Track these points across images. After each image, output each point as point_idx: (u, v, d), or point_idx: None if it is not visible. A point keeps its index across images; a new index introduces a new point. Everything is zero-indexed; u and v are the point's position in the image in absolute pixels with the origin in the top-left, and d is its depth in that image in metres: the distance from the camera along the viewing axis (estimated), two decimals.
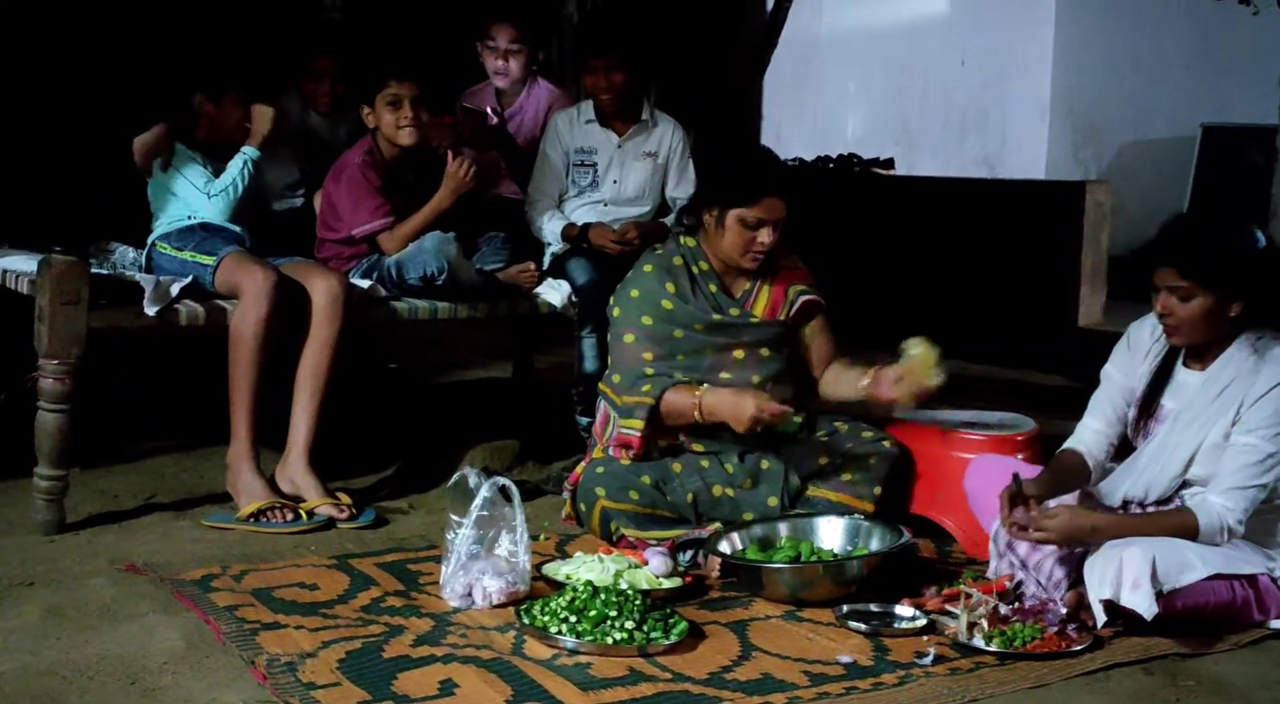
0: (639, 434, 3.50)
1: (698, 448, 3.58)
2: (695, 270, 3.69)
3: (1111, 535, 2.88)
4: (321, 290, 3.76)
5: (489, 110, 4.71)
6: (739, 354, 3.65)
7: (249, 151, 3.94)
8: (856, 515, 3.39)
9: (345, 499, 3.73)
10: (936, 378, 3.35)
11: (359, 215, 4.08)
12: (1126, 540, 2.85)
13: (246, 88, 4.01)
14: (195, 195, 3.92)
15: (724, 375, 3.62)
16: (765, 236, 3.56)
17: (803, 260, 3.82)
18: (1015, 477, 2.99)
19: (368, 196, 4.08)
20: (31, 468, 3.52)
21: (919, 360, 3.36)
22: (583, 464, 3.68)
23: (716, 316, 3.64)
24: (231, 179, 3.92)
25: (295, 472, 3.73)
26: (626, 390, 3.56)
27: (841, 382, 3.64)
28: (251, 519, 3.59)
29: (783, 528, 3.35)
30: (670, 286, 3.64)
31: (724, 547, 3.26)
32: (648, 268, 3.70)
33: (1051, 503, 2.98)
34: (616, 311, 3.70)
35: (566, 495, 3.68)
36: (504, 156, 4.71)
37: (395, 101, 4.05)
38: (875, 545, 3.25)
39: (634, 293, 3.67)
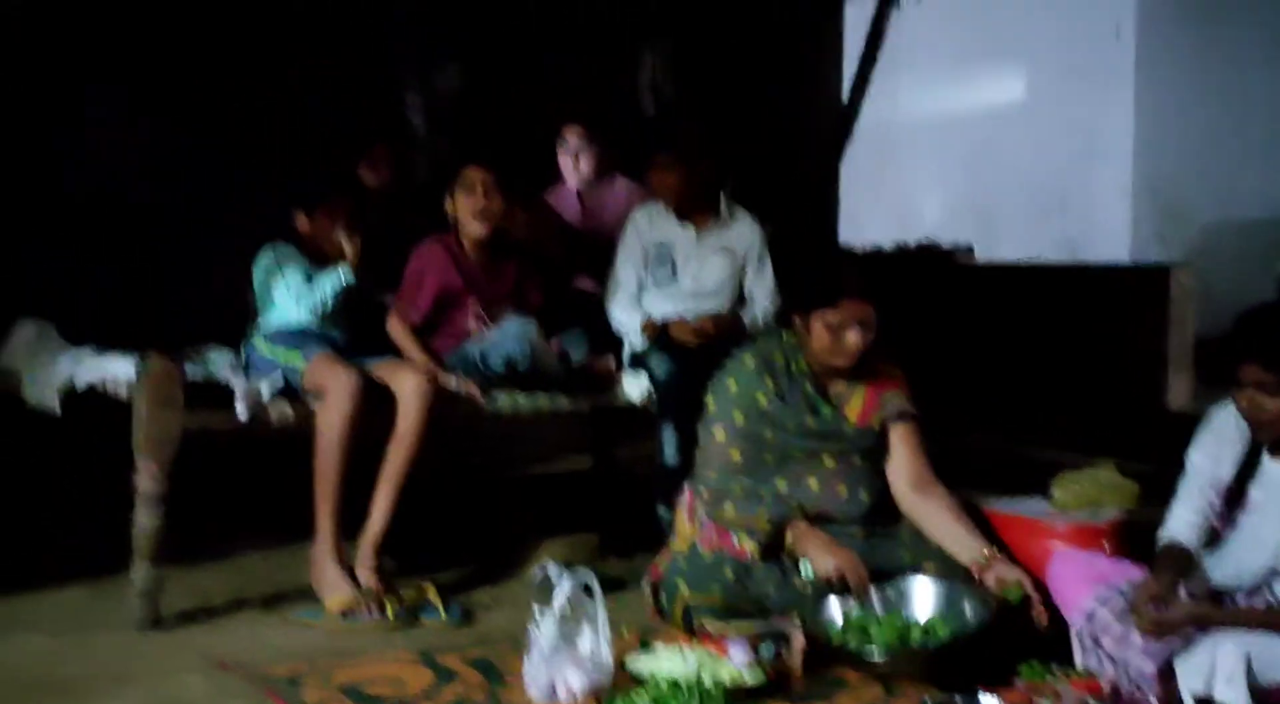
0: (749, 552, 3.52)
1: None
2: (794, 368, 3.70)
3: (1221, 626, 2.84)
4: (408, 389, 3.84)
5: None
6: (829, 461, 3.65)
7: (345, 274, 4.07)
8: (946, 583, 3.36)
9: (433, 594, 3.78)
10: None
11: (399, 295, 4.20)
12: (1221, 634, 2.80)
13: (334, 205, 4.15)
14: (288, 300, 4.05)
15: (811, 482, 3.63)
16: (852, 337, 3.57)
17: (898, 366, 3.79)
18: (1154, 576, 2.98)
19: (410, 278, 4.21)
20: (128, 566, 3.61)
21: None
22: (664, 557, 3.69)
23: (811, 421, 3.65)
24: (322, 292, 4.05)
25: (361, 563, 3.79)
26: (730, 505, 3.54)
27: (953, 542, 3.55)
28: (339, 615, 3.64)
29: (875, 597, 3.33)
30: (769, 381, 3.65)
31: (821, 616, 3.26)
32: (748, 360, 3.71)
33: None
34: (711, 402, 3.71)
35: (648, 589, 3.69)
36: (583, 250, 4.81)
37: (471, 188, 4.18)
38: (968, 613, 3.22)
39: (731, 385, 3.68)
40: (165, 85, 5.34)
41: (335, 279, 4.07)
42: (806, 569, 3.42)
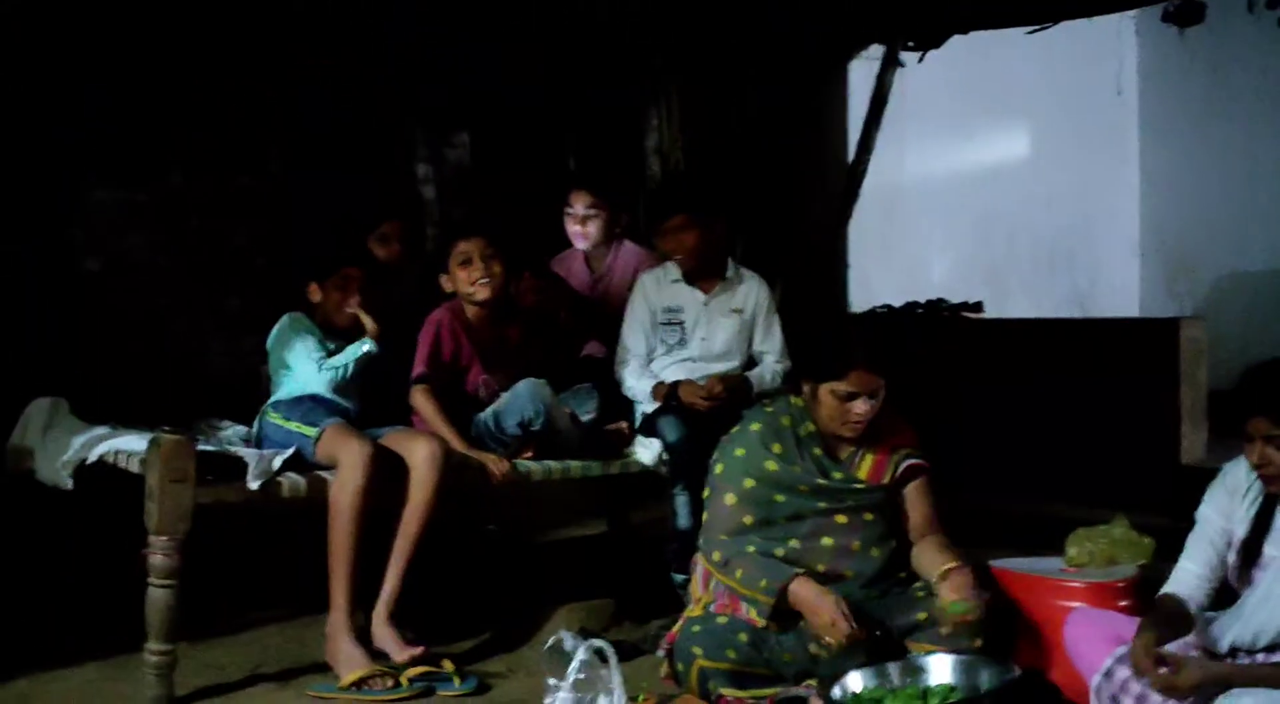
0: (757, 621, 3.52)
1: None
2: (802, 432, 3.71)
3: (1242, 686, 2.81)
4: (420, 457, 3.85)
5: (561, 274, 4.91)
6: (841, 518, 3.65)
7: (370, 346, 4.10)
8: (964, 655, 3.33)
9: (449, 666, 3.76)
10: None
11: (421, 367, 4.19)
12: (1240, 691, 2.77)
13: (346, 277, 4.19)
14: (306, 368, 4.07)
15: (825, 540, 3.63)
16: (859, 408, 3.58)
17: (908, 421, 3.80)
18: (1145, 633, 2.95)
19: (425, 349, 4.19)
20: (141, 643, 3.60)
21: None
22: (679, 622, 3.67)
23: (821, 480, 3.65)
24: (344, 362, 4.08)
25: (375, 626, 3.79)
26: (739, 570, 3.53)
27: (924, 563, 3.62)
28: (354, 688, 3.63)
29: (894, 671, 3.30)
30: (776, 447, 3.67)
31: (836, 692, 3.22)
32: (755, 426, 3.73)
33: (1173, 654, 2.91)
34: (719, 468, 3.72)
35: (664, 654, 3.67)
36: (591, 317, 4.83)
37: (466, 260, 4.21)
38: (985, 680, 3.19)
39: (739, 451, 3.70)
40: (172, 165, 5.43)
41: (358, 350, 4.09)
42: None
